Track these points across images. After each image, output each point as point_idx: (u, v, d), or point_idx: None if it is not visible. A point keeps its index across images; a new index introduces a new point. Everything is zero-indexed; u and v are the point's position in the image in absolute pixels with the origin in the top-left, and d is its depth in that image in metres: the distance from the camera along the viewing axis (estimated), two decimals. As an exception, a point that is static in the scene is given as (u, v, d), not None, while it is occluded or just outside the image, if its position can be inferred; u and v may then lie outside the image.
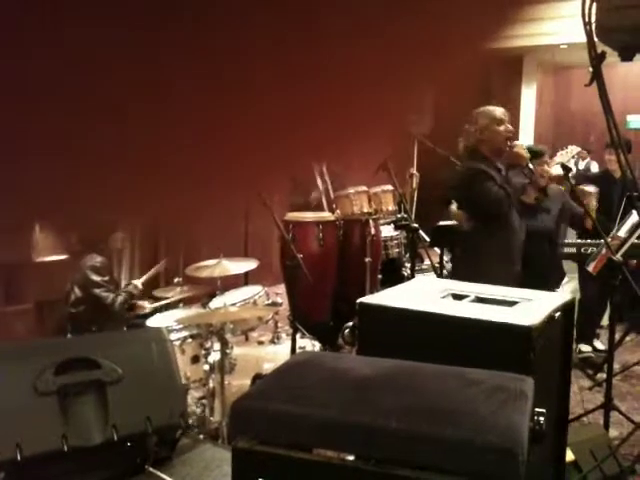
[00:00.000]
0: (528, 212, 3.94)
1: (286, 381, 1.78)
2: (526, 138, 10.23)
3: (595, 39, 1.87)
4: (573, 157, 4.18)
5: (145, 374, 2.38)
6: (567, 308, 2.54)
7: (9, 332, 4.45)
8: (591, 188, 4.43)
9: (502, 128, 3.63)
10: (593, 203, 4.26)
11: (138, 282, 4.03)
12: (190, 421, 3.37)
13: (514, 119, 10.33)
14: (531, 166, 3.63)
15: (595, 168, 9.49)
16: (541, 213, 4.20)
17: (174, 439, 2.46)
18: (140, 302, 4.00)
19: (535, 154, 3.87)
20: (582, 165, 9.70)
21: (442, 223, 4.82)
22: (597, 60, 1.91)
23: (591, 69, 1.95)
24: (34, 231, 4.62)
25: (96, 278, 3.76)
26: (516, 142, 3.65)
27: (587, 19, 1.82)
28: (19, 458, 2.09)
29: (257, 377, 3.18)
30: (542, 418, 1.61)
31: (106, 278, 3.81)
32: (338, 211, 4.88)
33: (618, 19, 1.76)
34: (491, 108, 3.72)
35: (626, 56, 1.89)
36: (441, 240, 4.89)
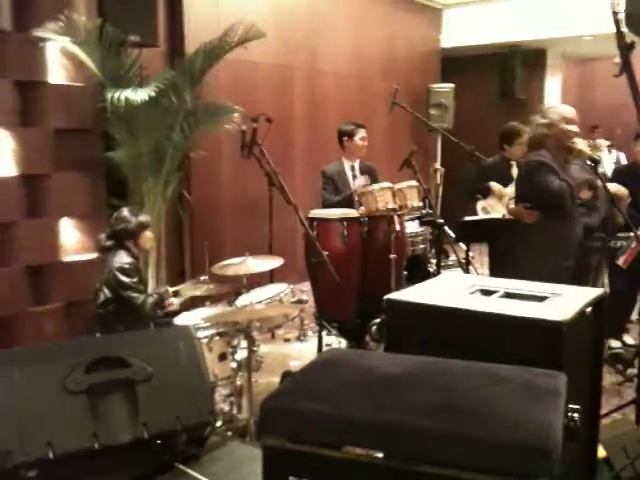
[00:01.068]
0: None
1: (314, 379, 1.78)
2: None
3: (623, 29, 1.84)
4: (603, 149, 4.18)
5: (174, 372, 2.39)
6: (598, 303, 2.50)
7: (38, 332, 4.51)
8: (623, 189, 4.40)
9: (569, 127, 3.68)
10: (626, 202, 4.27)
11: (170, 288, 4.06)
12: (218, 419, 3.39)
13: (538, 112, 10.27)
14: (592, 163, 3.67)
15: (624, 160, 9.35)
16: (594, 211, 4.23)
17: (203, 437, 2.47)
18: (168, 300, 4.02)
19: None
20: (613, 157, 9.56)
21: (468, 218, 4.78)
22: (626, 50, 1.87)
23: (618, 60, 1.91)
24: (63, 230, 4.68)
25: (125, 280, 3.77)
26: (577, 139, 3.66)
27: (616, 8, 1.79)
28: (51, 456, 2.11)
29: (286, 375, 3.18)
30: (577, 415, 1.58)
31: (135, 279, 3.82)
32: (362, 208, 4.87)
33: (648, 8, 1.72)
34: (565, 106, 3.84)
35: (656, 46, 1.85)
36: (467, 235, 4.85)
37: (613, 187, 4.47)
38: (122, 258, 3.81)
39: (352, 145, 5.23)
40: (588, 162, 3.50)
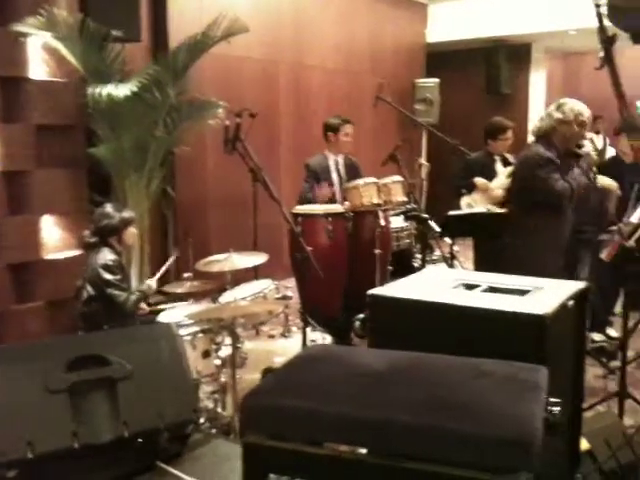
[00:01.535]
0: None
1: (296, 376, 1.77)
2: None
3: (606, 22, 1.84)
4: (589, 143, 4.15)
5: (155, 370, 2.37)
6: (580, 296, 2.51)
7: (21, 330, 4.46)
8: (614, 183, 4.42)
9: (580, 131, 3.63)
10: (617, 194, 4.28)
11: (152, 282, 4.02)
12: (202, 416, 3.37)
13: (523, 107, 10.31)
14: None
15: (611, 153, 9.38)
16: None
17: (185, 435, 2.45)
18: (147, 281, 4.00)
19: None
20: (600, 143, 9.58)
21: (452, 213, 4.78)
22: (608, 43, 1.87)
23: (601, 53, 1.91)
24: (45, 227, 4.63)
25: (108, 277, 3.74)
26: (585, 142, 3.64)
27: (598, 1, 1.78)
28: (31, 456, 2.09)
29: (267, 371, 3.17)
30: (557, 408, 1.58)
31: (118, 277, 3.78)
32: (347, 203, 4.85)
33: (629, 1, 1.72)
34: (583, 107, 3.70)
35: (638, 38, 1.85)
36: (452, 230, 4.86)
37: (605, 181, 4.50)
38: (106, 255, 3.77)
39: (337, 140, 5.21)
40: (576, 150, 3.50)
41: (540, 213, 3.66)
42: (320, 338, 3.93)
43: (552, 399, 1.62)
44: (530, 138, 4.07)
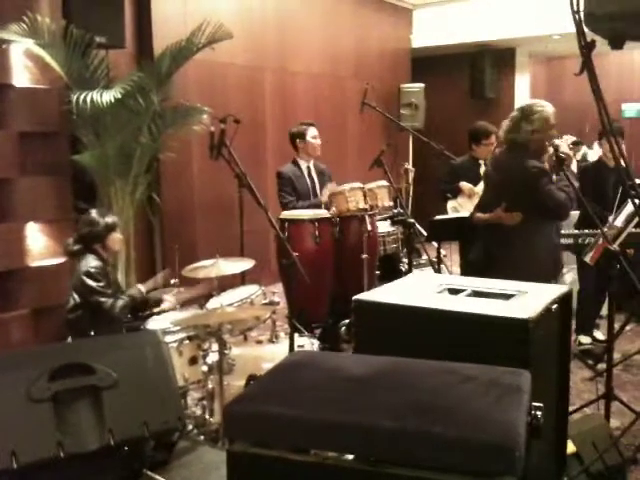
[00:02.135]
0: None
1: (280, 383, 1.76)
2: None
3: (585, 28, 1.85)
4: (569, 147, 4.15)
5: (140, 378, 2.36)
6: (564, 300, 2.53)
7: (6, 339, 4.43)
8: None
9: (552, 134, 3.65)
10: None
11: (142, 286, 4.00)
12: (190, 423, 3.36)
13: (508, 111, 10.34)
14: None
15: (593, 157, 9.46)
16: None
17: (171, 442, 2.44)
18: (165, 296, 3.96)
19: None
20: (579, 156, 9.67)
21: (438, 217, 4.80)
22: (587, 49, 1.88)
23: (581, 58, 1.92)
24: (29, 235, 4.60)
25: (92, 284, 3.71)
26: (557, 141, 3.63)
27: (575, 8, 1.79)
28: (15, 466, 2.07)
29: (251, 378, 3.16)
30: (539, 412, 1.59)
31: (102, 283, 3.75)
32: (334, 208, 4.86)
33: (606, 7, 1.73)
34: (548, 110, 3.73)
35: (616, 44, 1.86)
36: (438, 234, 4.87)
37: None
38: (89, 262, 3.75)
39: (306, 145, 5.19)
40: (554, 158, 3.50)
41: (537, 223, 3.66)
42: (308, 343, 3.92)
43: (535, 403, 1.63)
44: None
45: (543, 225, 3.70)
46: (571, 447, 2.90)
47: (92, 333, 3.68)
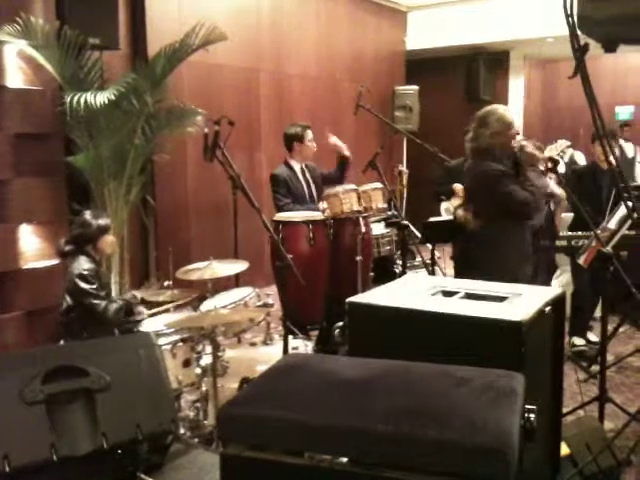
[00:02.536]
0: None
1: (274, 385, 1.76)
2: (515, 132, 10.22)
3: (578, 31, 1.86)
4: (563, 151, 4.18)
5: (134, 381, 2.35)
6: (557, 302, 2.53)
7: (0, 341, 4.41)
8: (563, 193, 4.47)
9: (512, 132, 3.68)
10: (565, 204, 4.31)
11: (137, 292, 4.00)
12: (184, 425, 3.35)
13: (503, 113, 10.38)
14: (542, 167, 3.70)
15: (581, 159, 9.47)
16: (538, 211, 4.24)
17: (165, 445, 2.43)
18: (138, 308, 3.94)
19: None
20: (566, 158, 9.66)
21: (432, 219, 4.81)
22: (580, 52, 1.89)
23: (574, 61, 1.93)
24: (23, 237, 4.59)
25: (85, 286, 3.70)
26: (524, 142, 3.66)
27: (569, 11, 1.80)
28: (7, 469, 2.06)
29: (245, 381, 3.16)
30: (533, 415, 1.59)
31: (94, 285, 3.74)
32: (328, 210, 4.86)
33: (599, 10, 1.74)
34: (501, 111, 3.77)
35: (609, 47, 1.87)
36: (432, 236, 4.88)
37: (556, 189, 4.54)
38: (81, 264, 3.73)
39: (304, 148, 5.17)
40: (548, 164, 3.52)
41: (503, 224, 3.70)
42: (302, 345, 3.92)
43: (529, 406, 1.63)
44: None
45: (511, 226, 3.71)
46: (565, 449, 2.90)
47: (85, 335, 3.68)
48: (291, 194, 5.07)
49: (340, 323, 4.72)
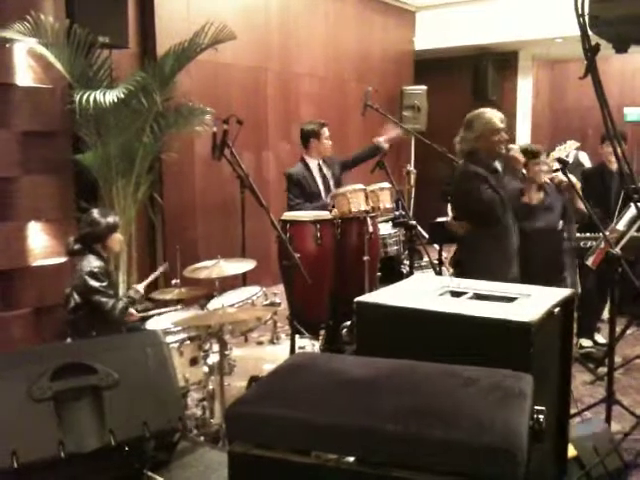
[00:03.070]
0: (535, 213, 4.01)
1: (281, 384, 1.76)
2: (523, 133, 10.20)
3: (589, 31, 1.85)
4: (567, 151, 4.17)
5: (141, 378, 2.36)
6: (566, 303, 2.52)
7: (7, 338, 4.43)
8: (572, 177, 4.44)
9: (497, 138, 3.66)
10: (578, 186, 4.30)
11: (139, 286, 4.00)
12: (191, 423, 3.36)
13: (510, 114, 10.35)
14: (524, 171, 3.69)
15: (585, 160, 9.43)
16: (547, 212, 4.23)
17: (172, 443, 2.44)
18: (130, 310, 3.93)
19: (531, 154, 3.93)
20: (571, 158, 9.62)
21: (440, 219, 4.80)
22: (591, 52, 1.88)
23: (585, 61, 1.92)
24: (31, 234, 4.61)
25: (95, 284, 3.71)
26: (512, 146, 3.66)
27: (580, 11, 1.79)
28: (15, 466, 2.07)
29: (253, 379, 3.16)
30: (542, 416, 1.59)
31: (104, 283, 3.75)
32: (335, 210, 4.86)
33: (611, 10, 1.73)
34: (489, 115, 3.73)
35: (620, 48, 1.86)
36: (439, 236, 4.87)
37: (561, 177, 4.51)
38: (91, 262, 3.75)
39: (320, 145, 5.20)
40: (557, 164, 3.51)
41: (478, 226, 3.70)
42: (309, 345, 3.93)
43: (537, 407, 1.62)
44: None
45: (494, 229, 3.69)
46: (572, 451, 2.89)
47: (93, 334, 3.69)
48: (305, 193, 5.08)
49: (348, 322, 4.72)
